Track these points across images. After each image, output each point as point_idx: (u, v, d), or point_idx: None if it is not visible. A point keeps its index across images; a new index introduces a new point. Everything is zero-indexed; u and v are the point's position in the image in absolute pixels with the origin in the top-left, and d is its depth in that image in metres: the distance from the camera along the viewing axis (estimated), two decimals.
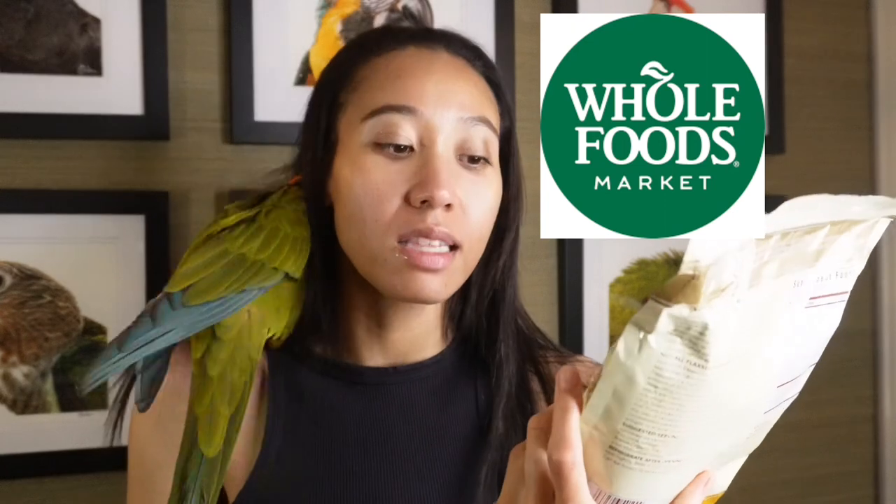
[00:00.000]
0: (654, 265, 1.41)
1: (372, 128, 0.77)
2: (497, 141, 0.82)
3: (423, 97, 0.77)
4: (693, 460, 0.54)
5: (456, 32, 0.86)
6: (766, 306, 0.50)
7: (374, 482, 0.81)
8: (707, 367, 0.48)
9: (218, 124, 1.20)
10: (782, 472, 1.52)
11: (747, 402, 0.53)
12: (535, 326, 0.92)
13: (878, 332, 1.58)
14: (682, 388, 0.49)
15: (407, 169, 0.77)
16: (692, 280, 0.48)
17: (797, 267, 0.51)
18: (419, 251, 0.76)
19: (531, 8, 1.35)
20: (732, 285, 0.48)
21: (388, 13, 1.26)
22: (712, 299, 0.48)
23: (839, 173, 1.55)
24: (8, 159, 1.13)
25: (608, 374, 0.50)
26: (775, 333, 0.51)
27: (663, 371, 0.48)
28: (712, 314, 0.47)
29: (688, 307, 0.48)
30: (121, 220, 1.16)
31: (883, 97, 1.57)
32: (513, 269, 0.87)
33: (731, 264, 0.48)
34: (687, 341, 0.48)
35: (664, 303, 0.48)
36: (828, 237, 0.52)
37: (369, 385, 0.84)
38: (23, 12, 1.12)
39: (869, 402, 1.59)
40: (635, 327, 0.49)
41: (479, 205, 0.79)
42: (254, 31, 1.20)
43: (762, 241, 0.50)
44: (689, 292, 0.48)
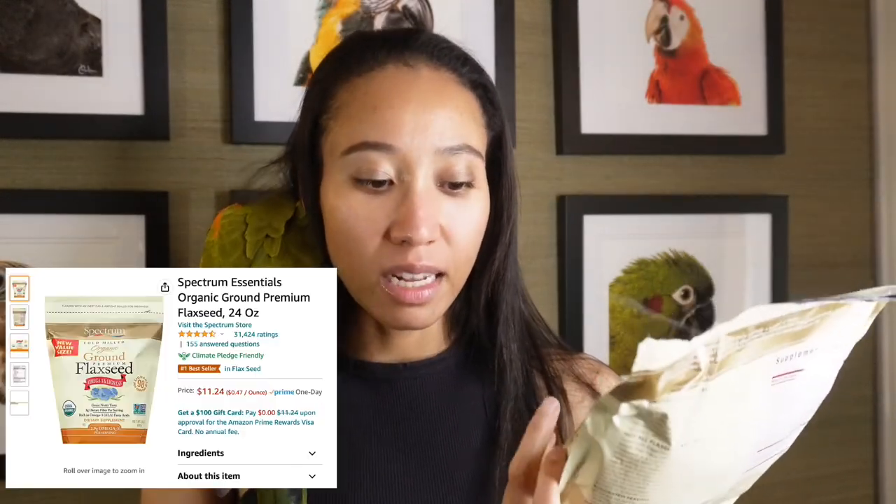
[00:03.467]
0: (654, 265, 1.41)
1: (351, 163, 0.78)
2: (481, 162, 0.81)
3: (400, 131, 0.77)
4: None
5: (440, 38, 0.84)
6: (743, 384, 0.51)
7: (388, 476, 0.81)
8: (670, 447, 0.51)
9: (218, 124, 1.20)
10: (782, 472, 1.51)
11: (720, 468, 0.55)
12: (542, 323, 0.92)
13: (878, 332, 1.58)
14: (646, 464, 0.51)
15: (388, 204, 0.77)
16: (644, 383, 0.49)
17: (780, 345, 0.52)
18: (403, 286, 0.77)
19: (531, 8, 1.35)
20: (697, 377, 0.49)
21: (388, 13, 1.26)
22: (671, 391, 0.49)
23: (839, 173, 1.55)
24: (8, 159, 1.13)
25: (578, 444, 0.53)
26: (753, 406, 0.53)
27: (628, 448, 0.51)
28: (670, 406, 0.49)
29: (646, 401, 0.50)
30: (121, 220, 1.16)
31: (883, 97, 1.57)
32: (508, 273, 0.87)
33: (691, 359, 0.49)
34: (649, 425, 0.50)
35: (622, 398, 0.50)
36: (817, 315, 0.53)
37: (380, 381, 0.85)
38: (23, 12, 1.12)
39: (869, 402, 1.58)
40: (600, 408, 0.51)
41: (463, 228, 0.79)
42: (254, 31, 1.20)
43: (737, 334, 0.50)
44: (643, 392, 0.50)
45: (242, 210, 0.89)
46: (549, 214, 1.37)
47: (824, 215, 1.54)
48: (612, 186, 1.40)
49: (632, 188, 1.41)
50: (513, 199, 0.86)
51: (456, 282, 0.81)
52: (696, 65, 1.44)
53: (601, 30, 1.38)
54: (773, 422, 0.56)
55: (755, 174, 1.48)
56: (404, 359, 0.86)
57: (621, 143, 1.40)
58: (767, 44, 1.48)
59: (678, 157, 1.44)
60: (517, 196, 0.87)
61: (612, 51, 1.39)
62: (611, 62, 1.39)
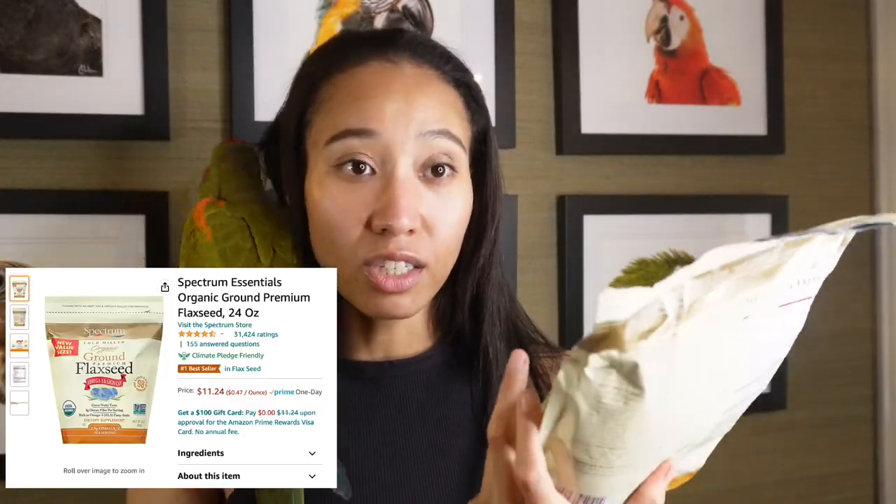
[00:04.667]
0: (654, 265, 1.41)
1: (334, 152, 0.78)
2: (463, 152, 0.82)
3: (382, 118, 0.77)
4: (649, 460, 0.56)
5: (423, 37, 0.85)
6: (714, 327, 0.51)
7: (376, 476, 0.81)
8: (644, 395, 0.50)
9: (218, 124, 1.20)
10: (782, 472, 1.52)
11: (700, 409, 0.55)
12: (529, 322, 0.92)
13: (878, 332, 1.58)
14: (623, 413, 0.51)
15: (370, 192, 0.78)
16: (610, 334, 0.49)
17: (750, 284, 0.52)
18: (384, 275, 0.78)
19: (531, 8, 1.35)
20: (664, 324, 0.49)
21: (388, 13, 1.26)
22: (640, 340, 0.49)
23: (839, 173, 1.55)
24: (8, 159, 1.13)
25: (554, 399, 0.52)
26: (727, 348, 0.53)
27: (603, 399, 0.51)
28: (641, 353, 0.49)
29: (616, 350, 0.49)
30: (121, 220, 1.16)
31: (883, 97, 1.57)
32: (493, 271, 0.87)
33: (657, 305, 0.49)
34: (622, 374, 0.50)
35: (590, 350, 0.50)
36: (784, 252, 0.53)
37: (366, 379, 0.85)
38: (23, 12, 1.12)
39: (869, 403, 1.58)
40: (572, 362, 0.51)
41: (446, 219, 0.79)
42: (254, 31, 1.20)
43: (702, 276, 0.50)
44: (610, 343, 0.49)
45: (231, 210, 0.88)
46: (549, 214, 1.37)
47: (824, 215, 1.53)
48: (612, 186, 1.40)
49: (632, 188, 1.41)
50: (497, 196, 0.86)
51: (437, 273, 0.81)
52: (696, 65, 1.44)
53: (601, 30, 1.38)
54: (748, 361, 0.55)
55: (755, 174, 1.48)
56: (390, 356, 0.86)
57: (621, 143, 1.39)
58: (767, 44, 1.48)
59: (678, 157, 1.44)
60: (502, 193, 0.87)
61: (612, 51, 1.39)
62: (611, 62, 1.39)
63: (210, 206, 0.89)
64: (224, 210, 0.88)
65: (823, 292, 0.60)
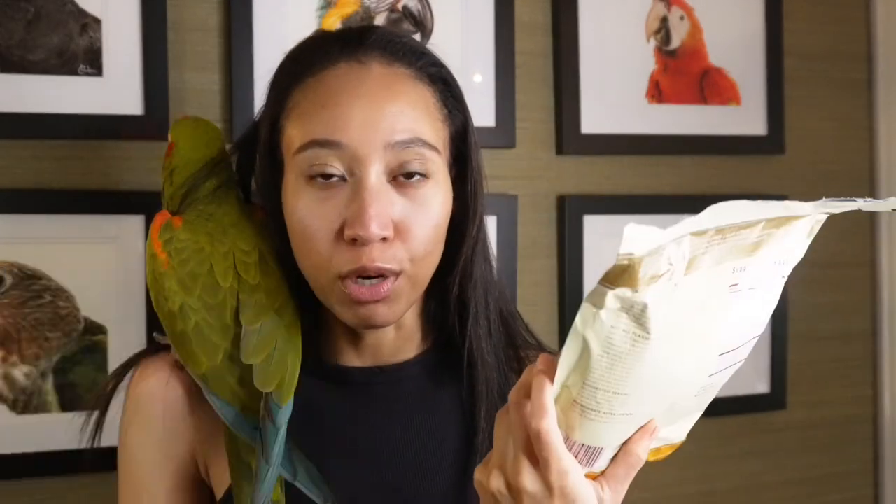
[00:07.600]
0: None
1: (303, 161, 0.77)
2: (437, 155, 0.79)
3: (348, 127, 0.76)
4: (643, 414, 0.62)
5: (393, 33, 0.83)
6: (705, 289, 0.58)
7: (362, 482, 0.81)
8: (649, 338, 0.57)
9: (218, 124, 1.20)
10: (782, 472, 1.52)
11: (690, 366, 0.61)
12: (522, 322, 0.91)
13: (878, 332, 1.58)
14: (629, 355, 0.57)
15: (340, 202, 0.76)
16: (628, 268, 0.55)
17: (736, 256, 0.58)
18: (359, 287, 0.76)
19: (531, 8, 1.36)
20: (669, 272, 0.56)
21: (388, 13, 1.26)
22: (650, 284, 0.55)
23: (839, 173, 1.55)
24: (8, 159, 1.13)
25: (571, 344, 0.58)
26: (715, 311, 0.59)
27: (613, 341, 0.57)
28: (650, 295, 0.55)
29: (630, 290, 0.56)
30: (121, 220, 1.16)
31: (883, 97, 1.57)
32: (476, 269, 0.85)
33: (666, 254, 0.55)
34: (632, 317, 0.56)
35: (609, 286, 0.56)
36: (764, 231, 0.59)
37: (356, 385, 0.84)
38: (23, 12, 1.12)
39: (869, 402, 1.58)
40: (589, 304, 0.57)
41: (421, 223, 0.77)
42: (254, 31, 1.20)
43: (698, 235, 0.57)
44: (627, 278, 0.56)
45: (188, 230, 0.82)
46: (549, 214, 1.37)
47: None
48: (612, 186, 1.40)
49: (632, 188, 1.41)
50: (479, 194, 0.84)
51: (417, 277, 0.79)
52: (696, 65, 1.44)
53: (601, 30, 1.38)
54: (731, 328, 0.61)
55: (755, 174, 1.48)
56: (379, 362, 0.85)
57: (621, 143, 1.40)
58: (767, 44, 1.48)
59: (678, 157, 1.44)
60: (483, 190, 0.85)
61: (612, 51, 1.39)
62: (611, 62, 1.39)
63: (164, 229, 0.83)
64: (179, 233, 0.82)
65: (824, 292, 0.61)
